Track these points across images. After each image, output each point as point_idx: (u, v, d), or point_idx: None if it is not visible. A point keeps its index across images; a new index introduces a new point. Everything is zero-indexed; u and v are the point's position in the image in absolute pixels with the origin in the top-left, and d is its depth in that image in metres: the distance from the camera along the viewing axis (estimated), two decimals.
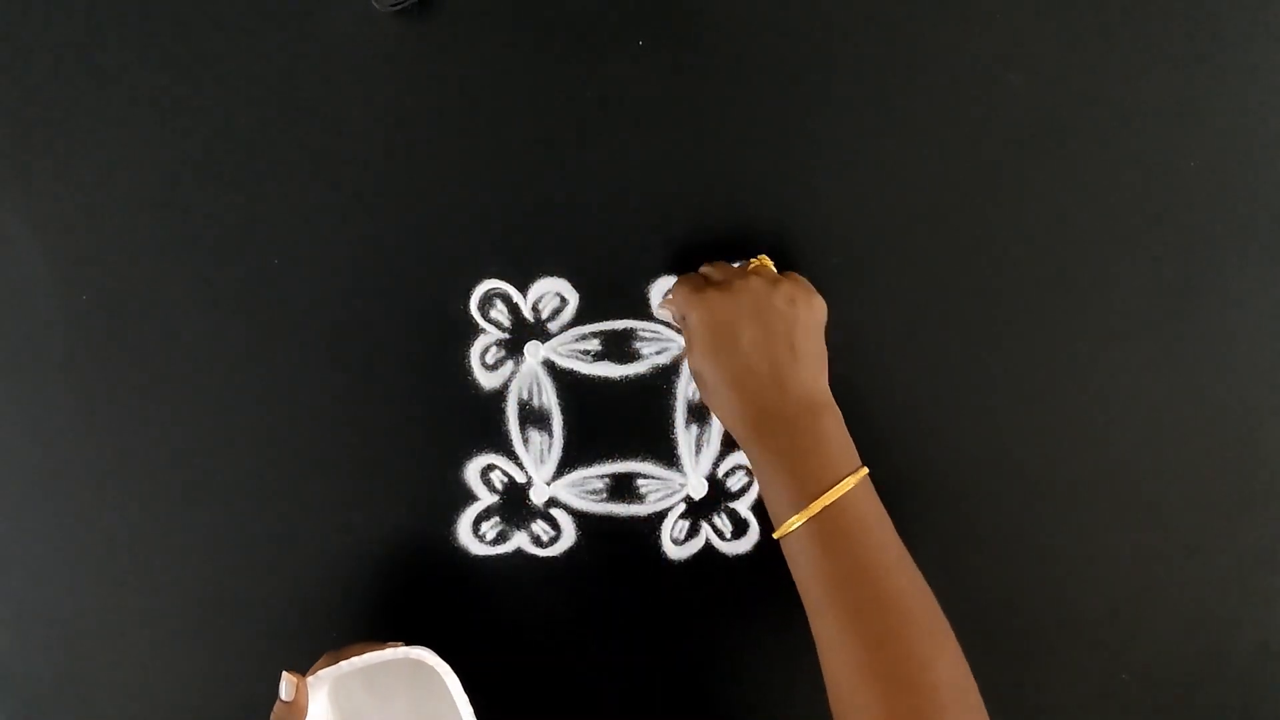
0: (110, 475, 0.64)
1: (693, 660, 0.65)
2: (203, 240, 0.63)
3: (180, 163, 0.63)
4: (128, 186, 0.63)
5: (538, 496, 0.64)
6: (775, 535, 0.54)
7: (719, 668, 0.65)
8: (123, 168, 0.63)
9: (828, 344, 0.58)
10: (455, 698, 0.55)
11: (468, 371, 0.63)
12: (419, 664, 0.57)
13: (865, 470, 0.54)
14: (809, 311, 0.57)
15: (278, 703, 0.55)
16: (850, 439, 0.55)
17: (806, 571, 0.52)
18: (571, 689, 0.66)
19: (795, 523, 0.52)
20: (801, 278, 0.59)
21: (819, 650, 0.52)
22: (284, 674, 0.55)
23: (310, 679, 0.55)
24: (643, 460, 0.64)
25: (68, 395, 0.64)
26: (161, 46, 0.62)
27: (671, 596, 0.64)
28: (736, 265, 0.60)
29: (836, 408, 0.56)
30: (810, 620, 0.53)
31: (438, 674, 0.56)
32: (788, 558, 0.54)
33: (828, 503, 0.51)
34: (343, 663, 0.55)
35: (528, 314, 0.63)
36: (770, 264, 0.60)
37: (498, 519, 0.64)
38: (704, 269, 0.60)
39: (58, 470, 0.65)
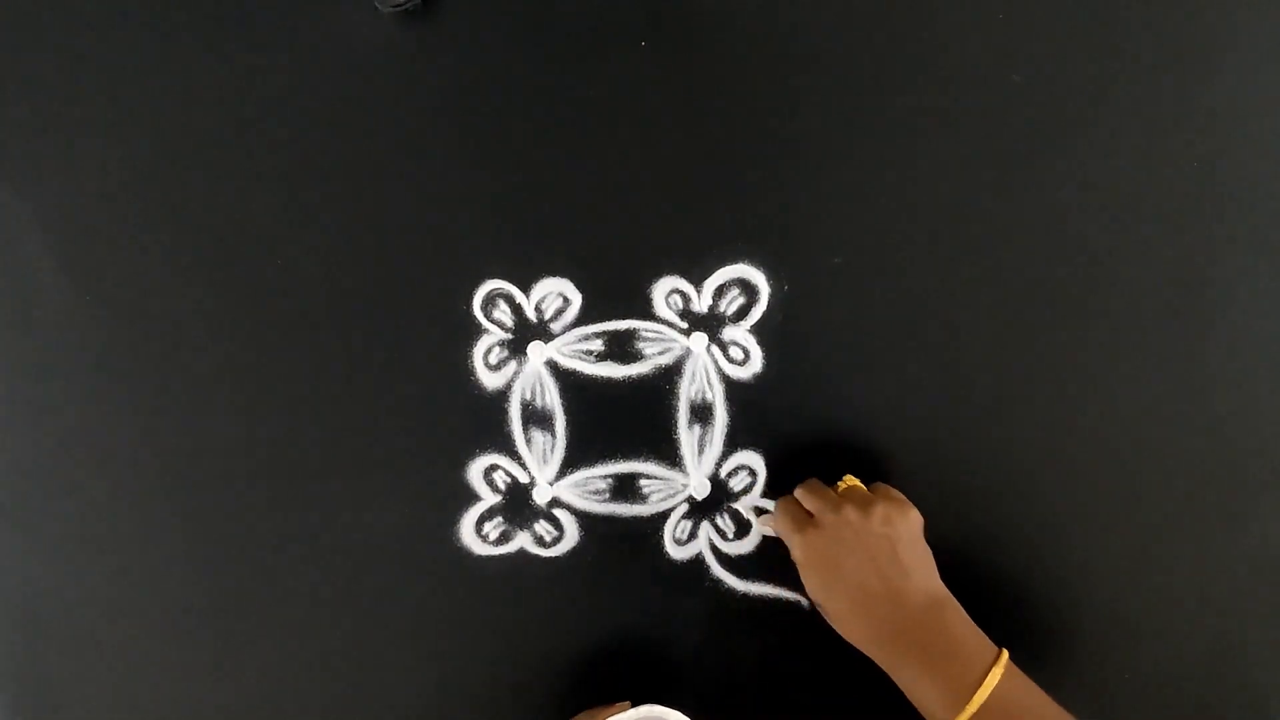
0: (112, 475, 0.64)
1: (694, 660, 0.65)
2: (206, 240, 0.63)
3: (184, 163, 0.63)
4: (131, 187, 0.63)
5: (540, 497, 0.64)
6: None
7: (720, 667, 0.65)
8: (126, 169, 0.63)
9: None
10: None
11: (471, 372, 0.63)
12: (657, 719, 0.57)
13: (1005, 653, 0.54)
14: (906, 525, 0.57)
15: None
16: (978, 627, 0.56)
17: None
18: (572, 689, 0.66)
19: (968, 713, 0.52)
20: (892, 489, 0.60)
21: None
22: None
23: None
24: (645, 460, 0.64)
25: (70, 395, 0.64)
26: (165, 47, 0.62)
27: (674, 597, 0.64)
28: (829, 488, 0.60)
29: (955, 601, 0.57)
30: None
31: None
32: None
33: (984, 698, 0.52)
34: None
35: (530, 314, 0.63)
36: (858, 483, 0.61)
37: (500, 519, 0.64)
38: (799, 493, 0.61)
39: (59, 470, 0.64)
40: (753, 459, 0.64)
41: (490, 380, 0.63)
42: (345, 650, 0.65)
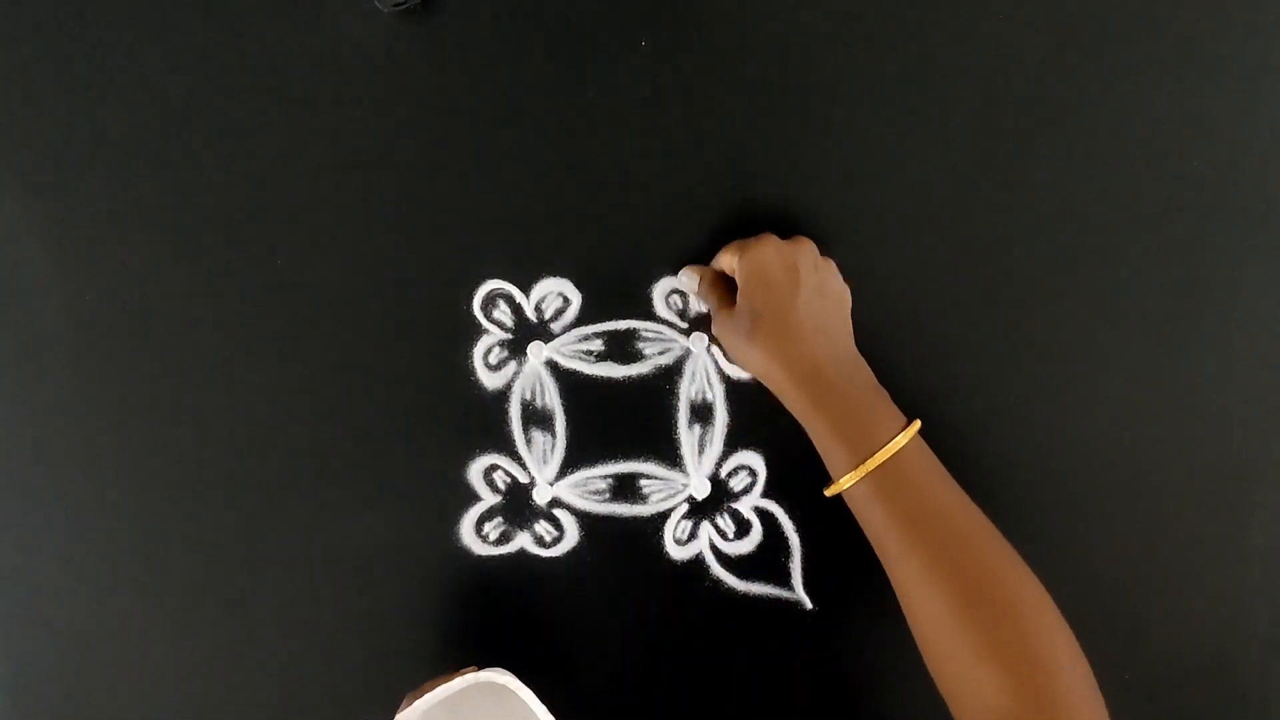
0: (112, 475, 0.64)
1: (695, 660, 0.65)
2: (206, 240, 0.63)
3: (183, 162, 0.63)
4: (130, 187, 0.63)
5: (540, 497, 0.64)
6: (839, 489, 0.55)
7: (720, 668, 0.65)
8: (126, 168, 0.63)
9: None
10: (537, 715, 0.56)
11: (470, 372, 0.63)
12: (499, 686, 0.57)
13: (917, 422, 0.55)
14: (845, 287, 0.60)
15: None
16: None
17: (881, 521, 0.53)
18: (573, 689, 0.66)
19: (865, 469, 0.53)
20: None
21: (905, 599, 0.53)
22: None
23: (399, 717, 0.56)
24: (645, 460, 0.64)
25: (70, 395, 0.64)
26: (164, 46, 0.62)
27: (674, 597, 0.64)
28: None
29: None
30: (891, 570, 0.54)
31: (518, 696, 0.56)
32: (857, 513, 0.55)
33: (900, 445, 0.53)
34: (427, 695, 0.56)
35: (530, 314, 0.63)
36: None
37: (500, 519, 0.64)
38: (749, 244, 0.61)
39: (59, 470, 0.64)
40: (753, 459, 0.64)
41: (490, 380, 0.63)
42: (345, 651, 0.65)
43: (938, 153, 0.62)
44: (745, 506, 0.64)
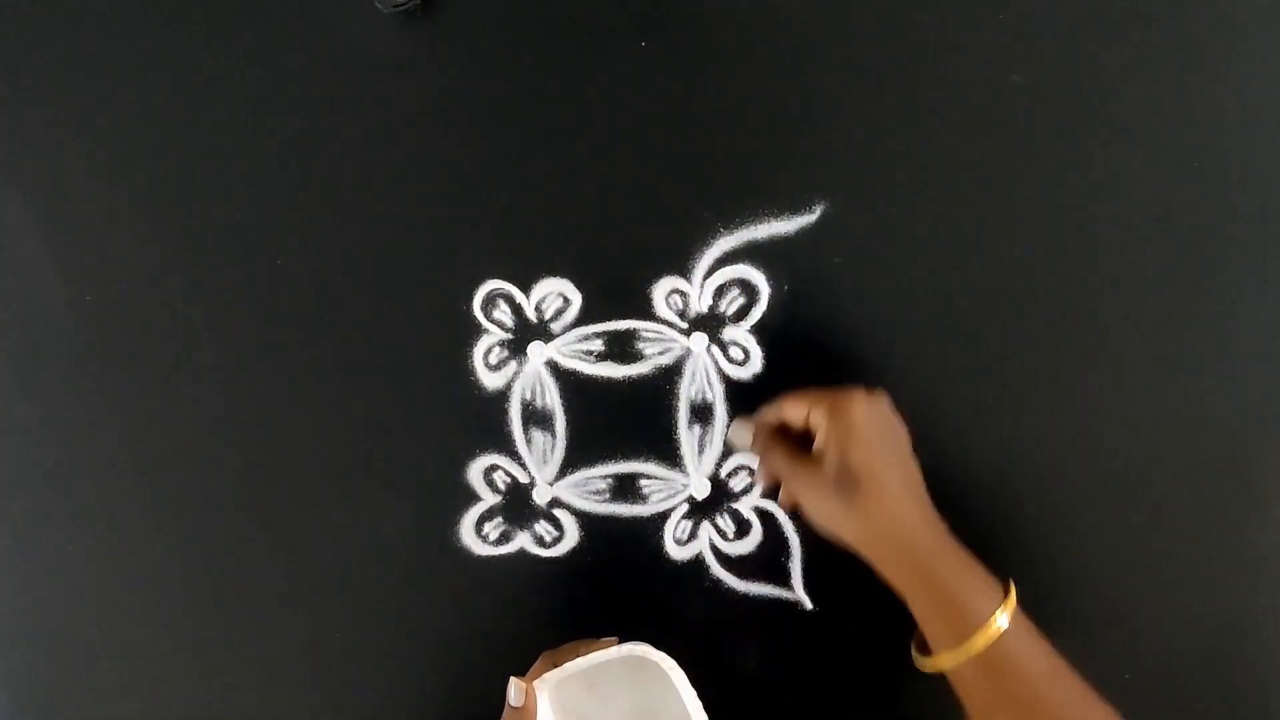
0: (112, 474, 0.64)
1: (694, 660, 0.65)
2: (205, 240, 0.63)
3: (183, 162, 0.63)
4: (131, 187, 0.63)
5: (540, 497, 0.64)
6: (938, 667, 0.53)
7: (720, 667, 0.65)
8: (126, 167, 0.63)
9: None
10: (681, 690, 0.54)
11: (471, 372, 0.63)
12: (641, 660, 0.56)
13: (1013, 591, 0.53)
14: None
15: (506, 708, 0.55)
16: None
17: (983, 699, 0.52)
18: None
19: (969, 652, 0.51)
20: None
21: None
22: (512, 680, 0.55)
23: (536, 683, 0.54)
24: (645, 461, 0.64)
25: (71, 395, 0.64)
26: (164, 46, 0.62)
27: (674, 597, 0.64)
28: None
29: None
30: None
31: (661, 669, 0.55)
32: (956, 684, 0.53)
33: (1004, 629, 0.51)
34: (566, 664, 0.55)
35: (531, 314, 0.63)
36: None
37: (500, 519, 0.64)
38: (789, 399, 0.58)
39: (58, 470, 0.64)
40: (753, 459, 0.64)
41: (490, 380, 0.63)
42: (345, 651, 0.65)
43: (938, 152, 0.62)
44: (745, 506, 0.64)
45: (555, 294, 0.63)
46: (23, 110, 0.63)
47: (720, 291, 0.63)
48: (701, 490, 0.64)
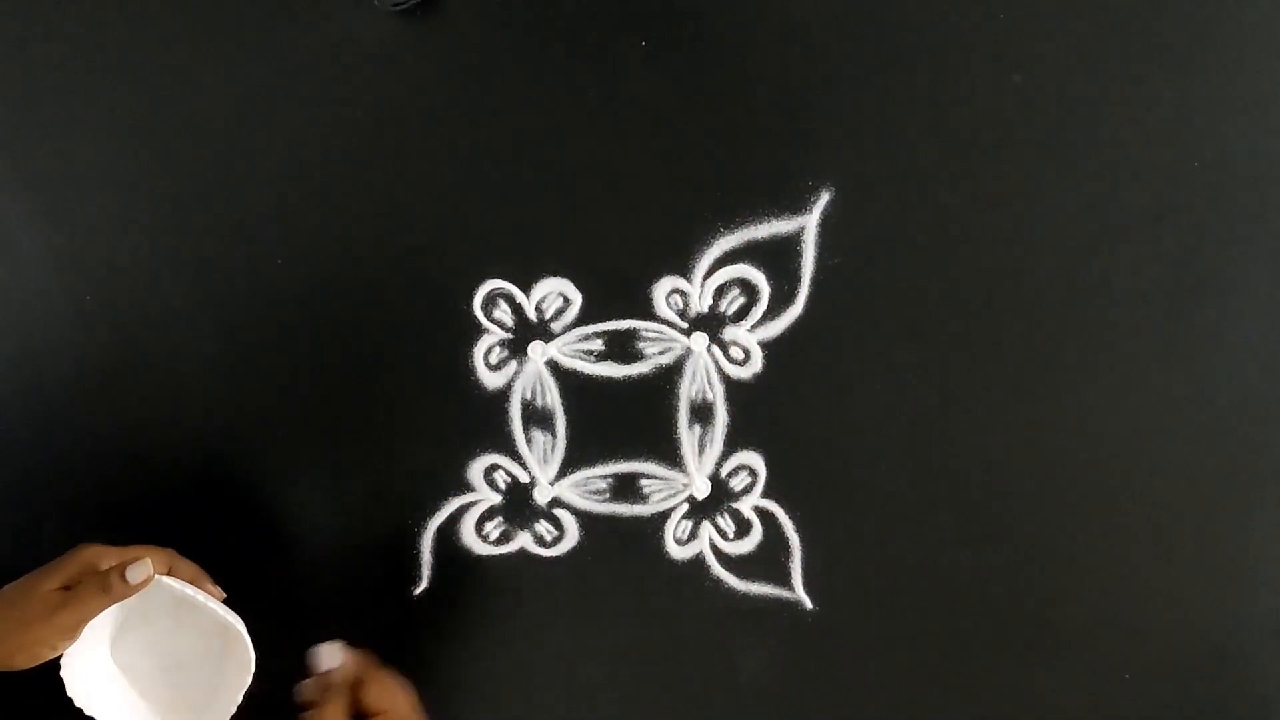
0: (111, 475, 0.64)
1: (694, 660, 0.65)
2: (206, 240, 0.63)
3: (183, 162, 0.63)
4: (130, 187, 0.63)
5: (541, 496, 0.64)
6: None
7: (720, 667, 0.65)
8: (125, 168, 0.63)
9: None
10: (234, 691, 0.56)
11: (471, 371, 0.63)
12: (226, 630, 0.57)
13: None
14: None
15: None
16: None
17: None
18: (574, 688, 0.66)
19: None
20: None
21: None
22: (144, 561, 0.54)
23: (143, 571, 0.54)
24: (646, 460, 0.64)
25: (71, 394, 0.64)
26: (164, 45, 0.62)
27: (674, 597, 0.64)
28: None
29: None
30: None
31: (242, 651, 0.56)
32: None
33: None
34: (181, 581, 0.56)
35: (531, 314, 0.63)
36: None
37: (501, 519, 0.64)
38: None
39: (58, 469, 0.64)
40: (753, 459, 0.64)
41: (491, 380, 0.63)
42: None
43: (938, 152, 0.62)
44: (745, 506, 0.64)
45: (555, 294, 0.63)
46: (23, 110, 0.63)
47: (721, 291, 0.63)
48: (702, 490, 0.64)
